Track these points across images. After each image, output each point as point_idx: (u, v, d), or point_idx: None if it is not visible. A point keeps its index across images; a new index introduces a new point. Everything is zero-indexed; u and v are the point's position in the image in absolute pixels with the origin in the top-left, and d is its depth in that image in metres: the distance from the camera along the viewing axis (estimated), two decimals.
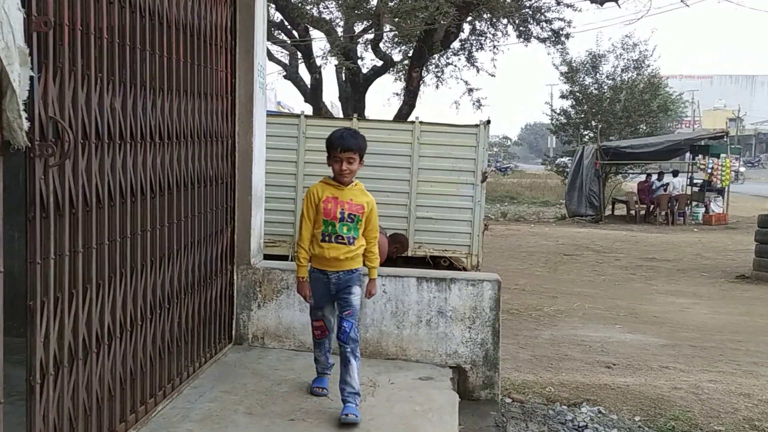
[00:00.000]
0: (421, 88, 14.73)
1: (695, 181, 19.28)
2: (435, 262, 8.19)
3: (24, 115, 1.92)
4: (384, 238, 6.35)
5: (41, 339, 2.19)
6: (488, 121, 8.30)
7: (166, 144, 3.05)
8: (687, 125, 47.30)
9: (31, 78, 1.97)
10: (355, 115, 9.50)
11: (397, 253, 7.09)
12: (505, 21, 14.11)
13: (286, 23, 14.25)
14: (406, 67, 14.85)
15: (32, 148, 2.10)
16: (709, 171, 17.97)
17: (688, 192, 18.84)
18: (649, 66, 22.90)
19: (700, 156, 18.74)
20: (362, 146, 3.21)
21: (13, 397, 2.01)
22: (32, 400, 2.17)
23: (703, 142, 19.16)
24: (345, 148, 3.14)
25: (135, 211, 2.79)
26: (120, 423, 2.71)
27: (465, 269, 7.89)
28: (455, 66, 15.83)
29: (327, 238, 3.20)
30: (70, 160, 2.32)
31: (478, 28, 14.90)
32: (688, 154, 20.17)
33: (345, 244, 3.20)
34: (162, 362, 3.10)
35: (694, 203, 18.50)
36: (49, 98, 2.19)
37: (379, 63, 15.16)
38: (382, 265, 3.57)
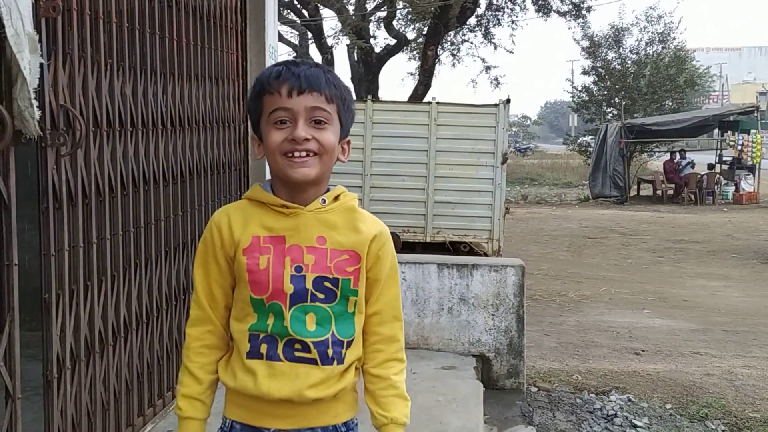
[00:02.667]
0: (437, 66, 14.53)
1: (724, 158, 18.81)
2: (455, 248, 8.08)
3: (35, 103, 1.86)
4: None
5: (57, 333, 2.15)
6: (508, 100, 8.13)
7: (177, 131, 2.98)
8: (715, 100, 46.22)
9: (41, 65, 1.91)
10: (369, 96, 9.36)
11: None
12: None
13: (296, 2, 14.09)
14: (421, 46, 14.65)
15: (44, 137, 2.04)
16: (739, 148, 17.48)
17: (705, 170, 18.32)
18: (674, 39, 22.29)
19: (730, 132, 18.22)
20: (343, 93, 1.37)
21: (27, 392, 1.97)
22: (50, 395, 2.14)
23: (732, 118, 18.60)
24: (302, 87, 1.31)
25: (148, 200, 2.73)
26: (138, 417, 2.67)
27: (486, 254, 7.78)
28: (471, 43, 15.61)
29: (263, 349, 1.36)
30: (82, 149, 2.25)
31: (495, 2, 14.63)
32: (716, 131, 19.66)
33: (315, 363, 1.35)
34: (179, 354, 3.05)
35: (723, 182, 18.05)
36: (59, 86, 2.13)
37: (393, 42, 14.97)
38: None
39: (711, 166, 18.27)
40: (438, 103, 8.14)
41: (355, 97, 1.55)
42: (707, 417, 3.94)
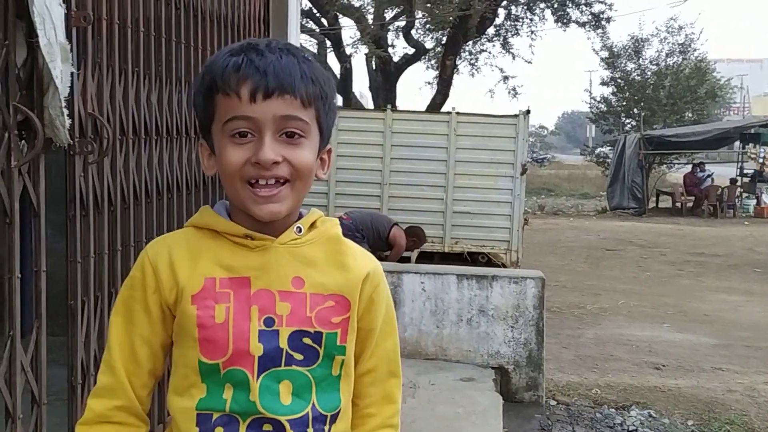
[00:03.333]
0: (455, 76, 14.54)
1: (745, 171, 18.58)
2: (473, 259, 8.04)
3: (66, 112, 1.88)
4: (400, 230, 6.13)
5: (82, 339, 2.16)
6: (528, 111, 8.10)
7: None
8: (736, 112, 45.78)
9: (72, 74, 1.93)
10: (389, 106, 9.39)
11: (414, 247, 6.87)
12: (542, 5, 13.82)
13: (315, 11, 14.17)
14: (439, 55, 14.66)
15: (72, 145, 2.06)
16: (761, 160, 17.29)
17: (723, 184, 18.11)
18: (695, 50, 22.13)
19: (751, 145, 18.04)
20: (324, 89, 1.03)
21: (50, 397, 1.98)
22: (74, 401, 2.14)
23: (753, 130, 18.41)
24: (269, 89, 0.97)
25: (171, 208, 2.75)
26: (158, 424, 2.67)
27: (504, 266, 7.74)
28: (490, 53, 15.59)
29: (223, 429, 1.02)
30: (108, 156, 2.28)
31: (513, 13, 14.62)
32: (737, 143, 19.46)
33: None
34: None
35: (744, 195, 17.83)
36: (87, 94, 2.15)
37: (411, 51, 14.98)
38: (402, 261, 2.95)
39: (733, 181, 18.06)
40: (458, 113, 8.14)
41: (373, 106, 1.45)
42: None
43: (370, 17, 14.21)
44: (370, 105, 16.11)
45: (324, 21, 14.51)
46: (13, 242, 1.82)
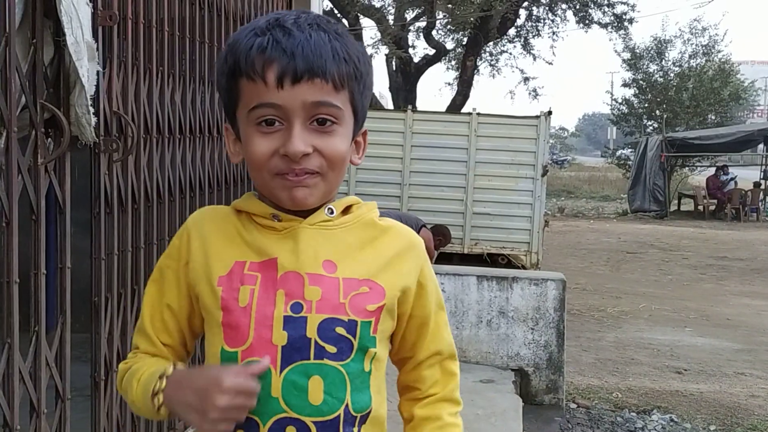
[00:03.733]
0: (475, 77, 14.49)
1: None
2: (492, 260, 8.00)
3: (92, 110, 1.91)
4: (428, 232, 6.11)
5: (105, 336, 2.18)
6: (549, 112, 8.05)
7: (223, 138, 3.02)
8: (760, 114, 45.03)
9: (98, 73, 1.95)
10: (409, 106, 9.37)
11: (440, 246, 6.85)
12: (564, 5, 13.71)
13: (336, 12, 14.21)
14: (460, 56, 14.61)
15: (97, 143, 2.08)
16: None
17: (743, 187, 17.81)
18: (719, 51, 21.84)
19: None
20: (358, 67, 0.94)
21: (73, 393, 2.01)
22: (97, 397, 2.17)
23: None
24: (298, 73, 0.89)
25: (194, 207, 2.77)
26: (179, 421, 2.69)
27: (524, 267, 7.69)
28: (510, 54, 15.49)
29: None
30: (133, 155, 2.30)
31: (535, 14, 14.53)
32: (761, 146, 19.16)
33: None
34: None
35: None
36: (113, 93, 2.17)
37: (432, 52, 14.93)
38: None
39: (757, 184, 17.78)
40: (478, 114, 8.10)
41: (392, 107, 1.39)
42: None
43: (390, 18, 14.20)
44: (390, 106, 16.08)
45: (345, 22, 14.54)
46: (39, 239, 1.85)
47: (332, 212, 0.98)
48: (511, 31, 14.56)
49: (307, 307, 0.92)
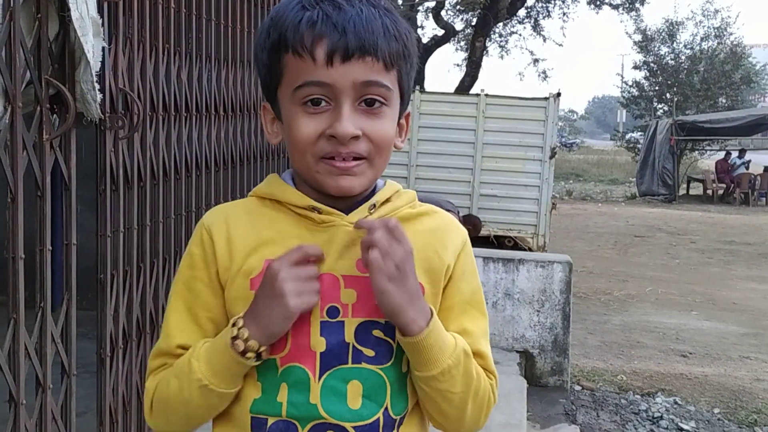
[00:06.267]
0: (484, 58, 14.37)
1: None
2: (499, 242, 7.99)
3: (97, 86, 1.89)
4: (459, 219, 6.11)
5: (111, 312, 2.19)
6: (558, 94, 7.98)
7: (230, 116, 3.01)
8: None
9: (103, 49, 1.94)
10: (417, 87, 9.30)
11: (470, 235, 6.89)
12: None
13: None
14: (469, 37, 14.48)
15: (103, 120, 2.07)
16: None
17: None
18: (731, 34, 21.57)
19: None
20: (407, 46, 0.91)
21: (79, 370, 2.02)
22: (102, 373, 2.18)
23: None
24: (349, 50, 0.85)
25: (200, 185, 2.76)
26: None
27: (530, 250, 7.68)
28: (520, 35, 15.35)
29: None
30: (139, 132, 2.29)
31: None
32: None
33: None
34: None
35: None
36: (118, 69, 2.16)
37: (441, 32, 14.80)
38: None
39: (767, 169, 17.63)
40: (486, 95, 8.04)
41: None
42: (756, 423, 3.83)
43: None
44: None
45: None
46: (44, 215, 1.85)
47: (374, 208, 0.93)
48: (521, 12, 14.42)
49: (343, 311, 0.89)
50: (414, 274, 0.87)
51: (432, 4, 14.18)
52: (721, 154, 18.98)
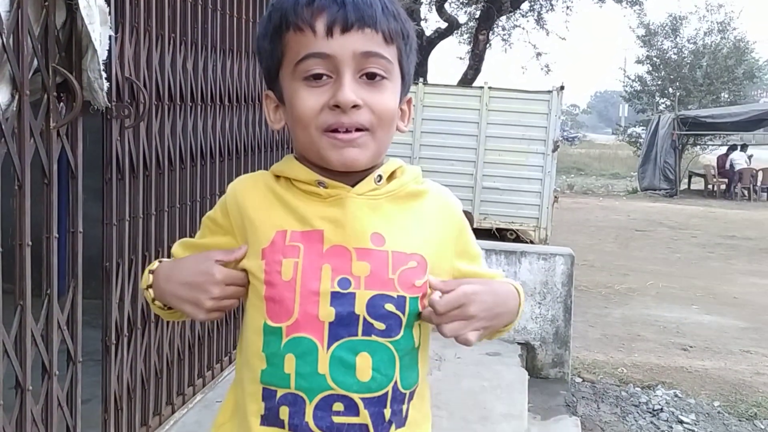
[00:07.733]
0: (487, 51, 14.31)
1: None
2: (501, 235, 8.00)
3: (104, 75, 1.89)
4: None
5: (116, 301, 2.20)
6: (562, 87, 7.97)
7: (235, 107, 3.01)
8: None
9: (110, 38, 1.94)
10: (420, 80, 9.29)
11: None
12: None
13: None
14: (472, 30, 14.42)
15: (109, 108, 2.08)
16: None
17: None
18: (734, 29, 21.52)
19: None
20: (406, 28, 0.95)
21: (84, 358, 2.04)
22: (107, 361, 2.20)
23: None
24: (348, 21, 0.87)
25: (204, 175, 2.77)
26: (188, 386, 2.73)
27: (533, 242, 7.68)
28: (523, 28, 15.29)
29: (284, 414, 0.91)
30: (145, 121, 2.29)
31: None
32: None
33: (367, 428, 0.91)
34: (228, 328, 3.10)
35: None
36: (125, 58, 2.16)
37: (444, 25, 14.72)
38: None
39: (744, 147, 17.67)
40: (490, 88, 8.04)
41: None
42: (756, 416, 3.84)
43: None
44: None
45: None
46: (51, 203, 1.86)
47: (380, 179, 0.94)
48: (525, 5, 14.35)
49: (355, 282, 0.89)
50: (482, 300, 0.92)
51: None
52: (723, 149, 18.95)
